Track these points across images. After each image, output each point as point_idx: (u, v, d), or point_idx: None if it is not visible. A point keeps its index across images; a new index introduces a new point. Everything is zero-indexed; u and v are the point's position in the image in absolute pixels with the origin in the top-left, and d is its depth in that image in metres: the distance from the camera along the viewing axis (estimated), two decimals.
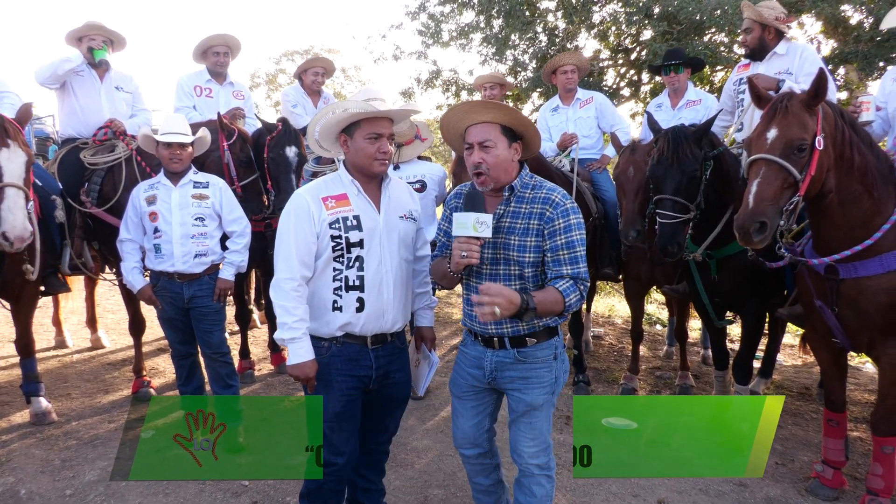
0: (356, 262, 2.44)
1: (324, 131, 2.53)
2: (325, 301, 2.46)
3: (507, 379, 2.41)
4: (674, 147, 3.51)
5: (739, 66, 4.73)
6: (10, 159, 3.50)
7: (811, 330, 3.44)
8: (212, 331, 3.89)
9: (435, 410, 4.55)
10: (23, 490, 3.35)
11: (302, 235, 2.39)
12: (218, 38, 5.36)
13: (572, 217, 2.29)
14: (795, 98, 2.82)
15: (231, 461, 3.70)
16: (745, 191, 2.76)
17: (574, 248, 2.27)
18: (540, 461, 2.44)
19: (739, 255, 3.71)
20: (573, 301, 2.22)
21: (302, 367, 2.41)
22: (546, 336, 2.39)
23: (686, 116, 4.98)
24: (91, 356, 5.89)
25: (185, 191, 3.80)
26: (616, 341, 6.89)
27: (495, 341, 2.40)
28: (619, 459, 3.79)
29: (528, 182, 2.39)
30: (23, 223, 3.44)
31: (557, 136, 5.49)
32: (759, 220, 2.68)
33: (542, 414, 2.42)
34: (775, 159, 2.71)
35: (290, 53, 25.25)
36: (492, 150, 2.30)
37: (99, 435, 4.07)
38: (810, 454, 3.90)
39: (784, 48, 4.30)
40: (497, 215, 2.34)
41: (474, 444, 2.59)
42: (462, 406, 2.58)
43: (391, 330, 2.57)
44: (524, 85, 9.44)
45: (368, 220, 2.47)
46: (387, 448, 2.88)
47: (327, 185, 2.50)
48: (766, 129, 2.81)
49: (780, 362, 5.95)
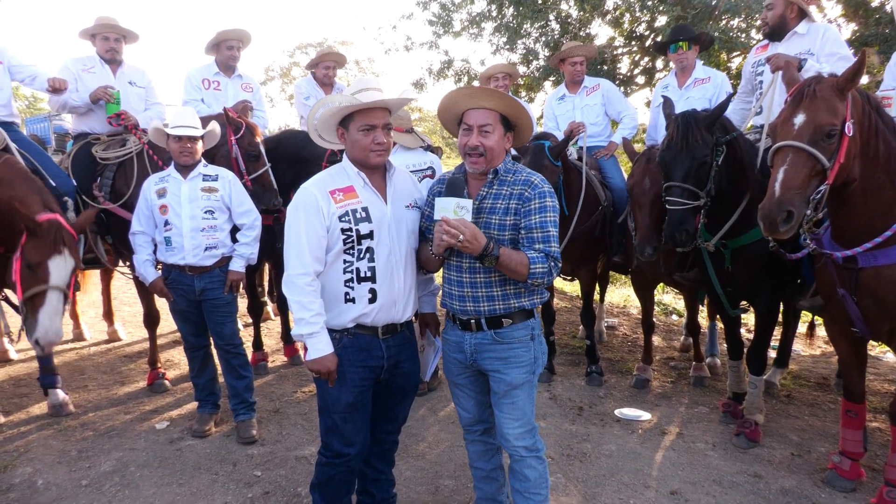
0: (367, 253, 2.45)
1: (322, 125, 2.55)
2: (336, 293, 2.46)
3: (487, 360, 2.48)
4: (683, 132, 3.44)
5: (757, 47, 4.64)
6: (59, 266, 3.44)
7: (830, 319, 3.37)
8: (224, 322, 3.91)
9: (446, 401, 4.55)
10: (40, 480, 3.41)
11: (312, 230, 2.38)
12: (233, 33, 5.39)
13: (548, 200, 2.38)
14: (825, 81, 2.70)
15: (243, 452, 3.74)
16: (771, 179, 2.66)
17: (546, 228, 2.35)
18: (526, 443, 2.49)
19: (754, 244, 3.64)
20: (539, 270, 2.30)
21: (322, 360, 2.40)
22: (521, 317, 2.45)
23: (694, 95, 4.89)
24: (108, 349, 5.97)
25: (195, 184, 3.82)
26: (630, 332, 6.84)
27: (472, 323, 2.47)
28: (632, 450, 3.78)
29: (510, 168, 2.47)
30: (57, 331, 3.41)
31: (564, 124, 5.44)
32: (786, 210, 2.58)
33: (523, 393, 2.47)
34: (803, 146, 2.61)
35: (303, 46, 25.24)
36: (490, 135, 2.39)
37: (115, 426, 4.12)
38: (828, 445, 3.84)
39: (805, 28, 4.20)
40: (480, 196, 2.43)
41: (479, 421, 2.70)
42: (459, 390, 2.68)
43: (401, 319, 2.59)
44: (536, 74, 9.36)
45: (377, 210, 2.48)
46: (396, 438, 2.89)
47: (333, 178, 2.49)
48: (793, 113, 2.69)
49: (798, 352, 5.87)
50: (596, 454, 3.73)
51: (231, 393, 3.99)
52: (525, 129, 2.52)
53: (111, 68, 5.00)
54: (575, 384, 4.95)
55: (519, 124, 2.49)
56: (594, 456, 3.71)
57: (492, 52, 10.36)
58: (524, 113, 2.47)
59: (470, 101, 2.41)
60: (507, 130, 2.44)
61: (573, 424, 4.17)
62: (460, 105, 2.45)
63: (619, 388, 4.89)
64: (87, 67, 4.94)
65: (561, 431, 4.03)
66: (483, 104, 2.39)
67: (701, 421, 4.24)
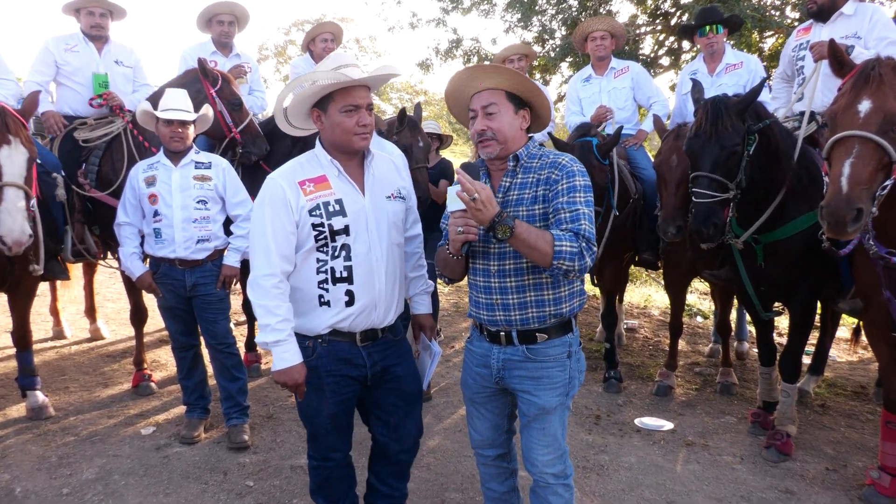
0: (342, 250, 2.37)
1: (293, 108, 2.44)
2: (309, 296, 2.40)
3: (515, 379, 2.35)
4: (712, 119, 3.41)
5: (799, 29, 4.60)
6: (10, 157, 3.45)
7: (870, 323, 3.35)
8: (216, 320, 3.92)
9: (452, 408, 4.55)
10: (18, 488, 3.43)
11: (279, 226, 2.31)
12: (223, 6, 5.37)
13: (578, 179, 2.21)
14: (889, 64, 2.64)
15: (235, 460, 3.76)
16: (834, 173, 2.60)
17: (576, 207, 2.17)
18: (556, 469, 2.38)
19: (790, 240, 3.62)
20: (566, 249, 2.08)
21: (289, 371, 2.34)
22: (559, 332, 2.32)
23: (727, 82, 4.86)
24: (90, 347, 6.00)
25: (187, 171, 3.82)
26: (652, 334, 6.82)
27: (502, 336, 2.35)
28: (653, 463, 3.78)
29: (535, 153, 2.34)
30: (21, 227, 3.40)
31: (589, 108, 5.41)
32: (855, 208, 2.51)
33: (556, 418, 2.34)
34: (872, 137, 2.54)
35: (300, 23, 25.33)
36: (496, 116, 2.28)
37: (98, 431, 4.14)
38: (865, 459, 3.82)
39: (852, 8, 4.16)
40: (503, 188, 2.32)
41: (493, 445, 2.58)
42: (475, 409, 2.56)
43: (382, 324, 2.51)
44: (552, 54, 9.32)
45: (353, 203, 2.39)
46: (412, 456, 2.79)
47: (303, 168, 2.42)
48: (855, 100, 2.62)
49: (834, 358, 5.84)
50: (614, 467, 3.72)
51: (223, 396, 4.00)
52: (541, 106, 2.38)
53: (96, 46, 5.01)
54: (592, 390, 4.95)
55: (531, 99, 2.35)
56: (612, 468, 3.70)
57: (504, 30, 10.40)
58: (532, 86, 2.34)
59: (472, 85, 2.31)
60: (519, 108, 2.31)
61: (590, 434, 4.16)
62: (465, 91, 2.36)
63: (639, 396, 4.88)
64: (69, 46, 4.95)
65: (577, 442, 4.03)
66: (485, 84, 2.29)
67: (728, 432, 4.23)
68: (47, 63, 4.90)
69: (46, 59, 4.89)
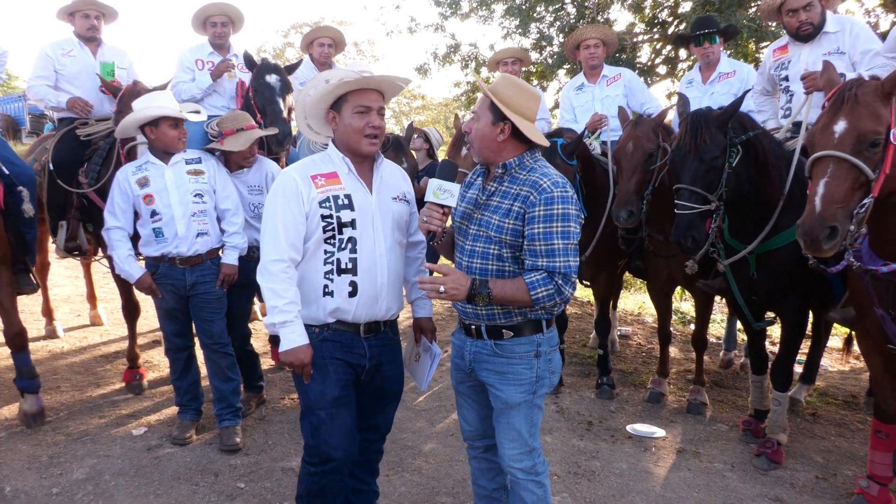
0: (349, 243, 2.48)
1: (312, 110, 2.56)
2: (315, 285, 2.50)
3: (484, 372, 2.46)
4: (692, 132, 3.47)
5: (774, 48, 4.59)
6: None
7: (863, 333, 3.37)
8: (213, 320, 3.94)
9: (445, 412, 4.56)
10: (7, 487, 3.42)
11: (290, 215, 2.42)
12: (216, 7, 5.36)
13: (557, 207, 2.22)
14: (866, 85, 2.68)
15: (226, 462, 3.76)
16: (810, 192, 2.64)
17: (552, 241, 2.22)
18: (523, 465, 2.46)
19: (782, 250, 3.64)
20: (542, 295, 2.20)
21: (296, 352, 2.43)
22: (527, 330, 2.39)
23: (719, 91, 4.92)
24: (83, 347, 5.98)
25: (179, 168, 3.84)
26: (645, 341, 6.84)
27: (473, 330, 2.46)
28: (644, 469, 3.79)
29: (527, 164, 2.37)
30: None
31: (583, 116, 5.44)
32: (828, 226, 2.55)
33: (520, 414, 2.42)
34: (846, 156, 2.57)
35: (298, 26, 25.38)
36: (475, 122, 2.39)
37: (89, 431, 4.13)
38: (855, 468, 3.85)
39: (833, 25, 4.19)
40: (488, 192, 2.40)
41: (482, 436, 2.67)
42: (462, 399, 2.68)
43: (384, 317, 2.63)
44: (550, 61, 9.35)
45: (360, 199, 2.52)
46: (380, 447, 2.92)
47: (316, 164, 2.55)
48: (832, 120, 2.66)
49: (825, 367, 5.87)
50: (605, 473, 3.74)
51: (217, 397, 4.01)
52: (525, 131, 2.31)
53: (90, 48, 5.07)
54: (584, 397, 4.96)
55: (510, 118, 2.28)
56: (603, 475, 3.72)
57: (502, 36, 10.37)
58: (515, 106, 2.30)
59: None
60: (498, 120, 2.30)
61: (581, 440, 4.17)
62: None
63: (631, 402, 4.90)
64: (65, 51, 5.02)
65: (568, 447, 4.04)
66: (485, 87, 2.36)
67: (719, 439, 4.25)
68: (47, 68, 4.98)
69: (46, 65, 4.97)
